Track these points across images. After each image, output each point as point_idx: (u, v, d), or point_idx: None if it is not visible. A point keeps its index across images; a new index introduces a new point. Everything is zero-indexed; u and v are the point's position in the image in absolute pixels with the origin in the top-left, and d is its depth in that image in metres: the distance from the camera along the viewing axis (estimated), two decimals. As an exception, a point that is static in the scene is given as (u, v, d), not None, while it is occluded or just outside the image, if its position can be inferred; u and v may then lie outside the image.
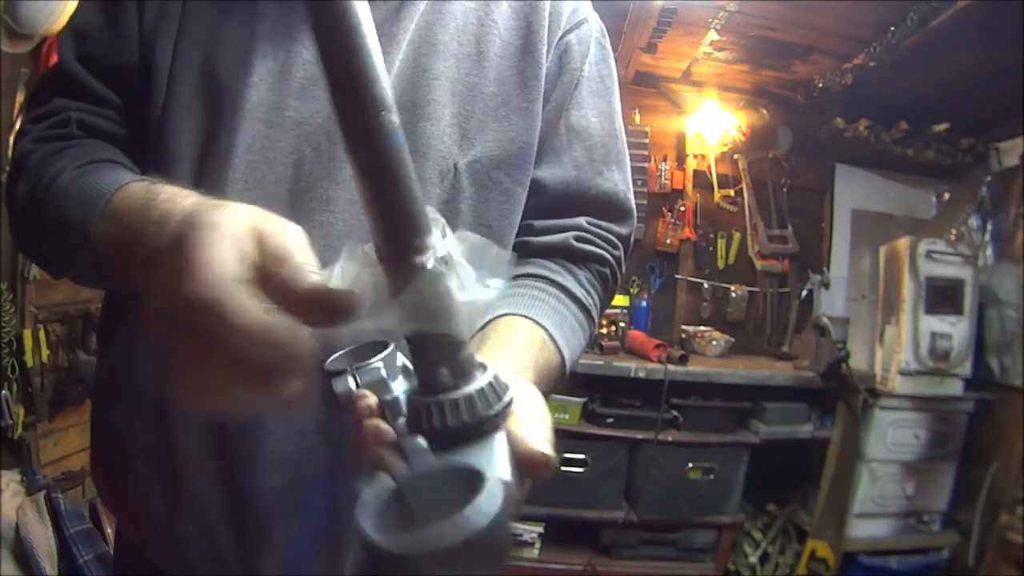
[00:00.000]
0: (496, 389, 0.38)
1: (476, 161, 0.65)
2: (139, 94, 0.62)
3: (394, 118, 0.35)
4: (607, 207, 0.74)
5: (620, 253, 0.76)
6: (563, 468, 2.53)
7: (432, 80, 0.63)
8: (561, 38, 0.70)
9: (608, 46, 0.76)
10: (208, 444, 0.60)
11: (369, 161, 0.35)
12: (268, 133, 0.59)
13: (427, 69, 0.63)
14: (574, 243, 0.71)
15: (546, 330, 0.62)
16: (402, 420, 0.38)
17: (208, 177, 0.59)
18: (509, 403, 0.39)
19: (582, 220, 0.73)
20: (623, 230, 0.76)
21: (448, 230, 0.38)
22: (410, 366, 0.40)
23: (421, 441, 0.37)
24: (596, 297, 0.73)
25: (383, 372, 0.39)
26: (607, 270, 0.74)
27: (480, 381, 0.38)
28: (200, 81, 0.60)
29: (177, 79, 0.60)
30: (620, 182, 0.75)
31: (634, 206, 0.78)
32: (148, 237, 0.42)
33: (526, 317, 0.62)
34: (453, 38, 0.65)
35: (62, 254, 0.58)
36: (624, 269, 0.78)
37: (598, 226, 0.74)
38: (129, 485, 0.64)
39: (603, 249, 0.74)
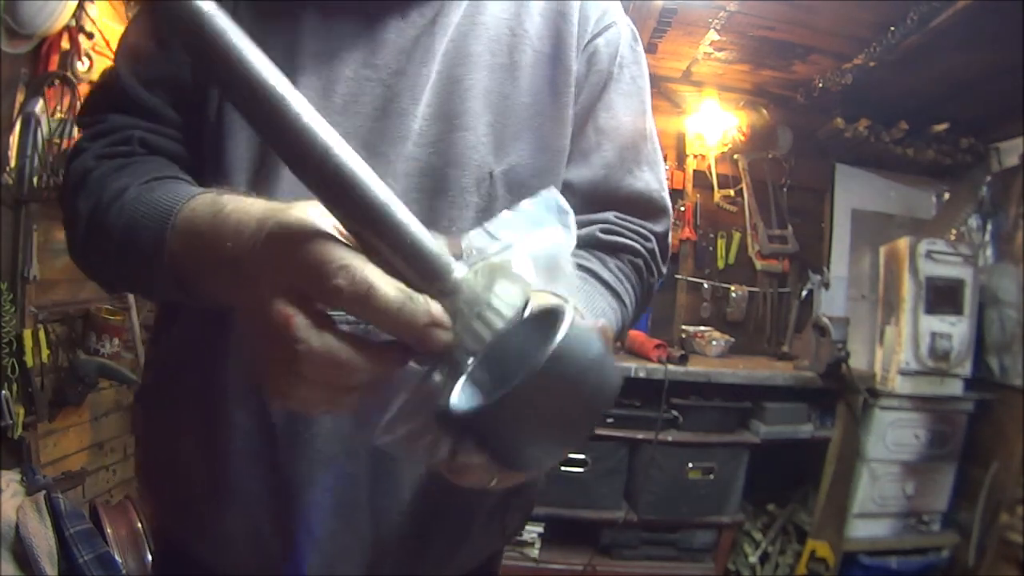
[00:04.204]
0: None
1: (511, 169, 0.66)
2: (193, 109, 0.64)
3: (342, 157, 0.35)
4: (639, 205, 0.74)
5: (653, 246, 0.75)
6: (563, 468, 2.53)
7: (466, 91, 0.64)
8: (589, 42, 0.71)
9: (640, 49, 0.76)
10: (257, 441, 0.62)
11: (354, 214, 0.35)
12: None
13: (461, 80, 0.64)
14: (601, 235, 0.71)
15: None
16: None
17: (260, 191, 0.60)
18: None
19: (610, 214, 0.73)
20: (658, 227, 0.76)
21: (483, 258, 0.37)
22: None
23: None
24: (628, 285, 0.72)
25: None
26: (640, 260, 0.74)
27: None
28: None
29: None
30: (652, 181, 0.75)
31: (669, 204, 0.78)
32: (225, 250, 0.44)
33: None
34: (486, 48, 0.66)
35: (128, 268, 0.59)
36: (663, 265, 0.77)
37: (628, 220, 0.74)
38: (178, 481, 0.66)
39: (633, 240, 0.73)
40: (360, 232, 0.35)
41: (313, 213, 0.39)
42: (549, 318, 0.33)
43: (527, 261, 0.37)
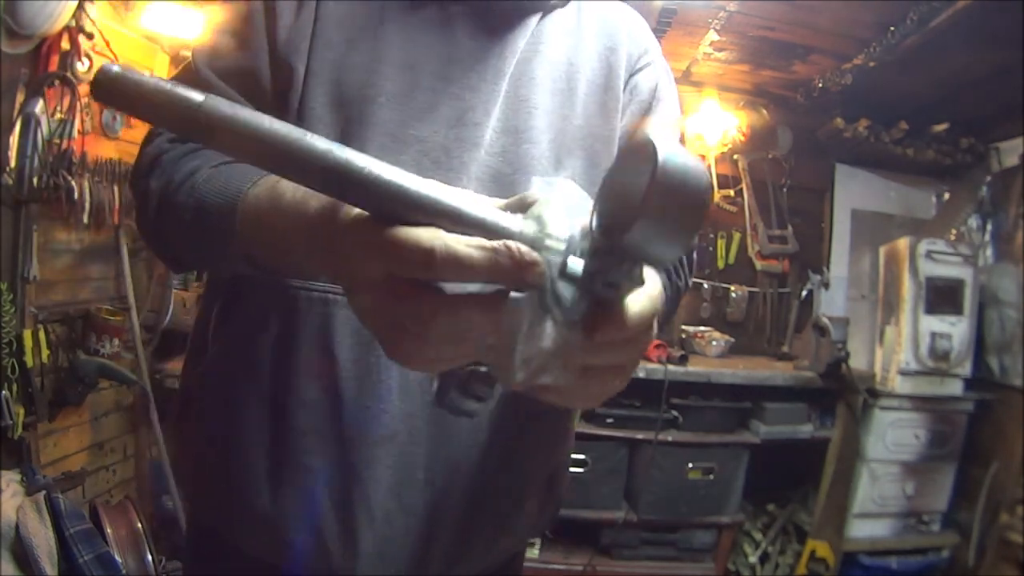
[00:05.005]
0: None
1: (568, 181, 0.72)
2: (271, 99, 0.68)
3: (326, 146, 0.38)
4: None
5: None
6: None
7: (532, 109, 0.72)
8: (632, 76, 0.81)
9: (673, 85, 0.86)
10: (325, 420, 0.65)
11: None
12: (393, 147, 0.67)
13: (527, 100, 0.73)
14: None
15: None
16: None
17: None
18: None
19: None
20: None
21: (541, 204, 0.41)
22: None
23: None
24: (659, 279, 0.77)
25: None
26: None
27: None
28: (331, 95, 0.68)
29: (309, 93, 0.68)
30: None
31: None
32: (300, 233, 0.47)
33: None
34: (547, 75, 0.74)
35: (198, 246, 0.62)
36: (690, 274, 0.84)
37: None
38: (235, 471, 0.68)
39: None
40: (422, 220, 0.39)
41: None
42: (634, 149, 0.37)
43: (563, 196, 0.42)
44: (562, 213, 0.41)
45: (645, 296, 0.42)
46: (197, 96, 0.37)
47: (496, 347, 0.41)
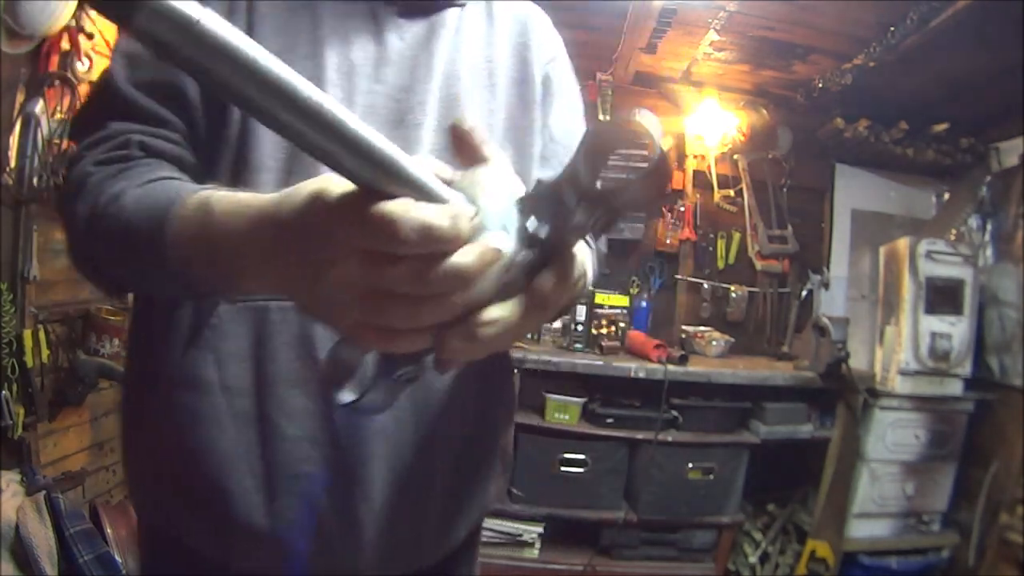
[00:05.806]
0: None
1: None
2: (208, 112, 0.67)
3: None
4: None
5: None
6: (563, 468, 2.54)
7: (463, 107, 0.75)
8: (544, 68, 0.85)
9: (573, 74, 0.92)
10: (313, 431, 0.66)
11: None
12: None
13: (457, 97, 0.75)
14: None
15: None
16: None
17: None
18: None
19: None
20: None
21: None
22: None
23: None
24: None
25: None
26: None
27: None
28: None
29: None
30: None
31: None
32: (267, 220, 0.44)
33: None
34: (469, 72, 0.77)
35: (127, 270, 0.60)
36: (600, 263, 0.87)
37: None
38: (222, 488, 0.65)
39: None
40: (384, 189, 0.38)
41: (341, 182, 0.39)
42: (634, 132, 0.42)
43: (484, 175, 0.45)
44: (489, 188, 0.43)
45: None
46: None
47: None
